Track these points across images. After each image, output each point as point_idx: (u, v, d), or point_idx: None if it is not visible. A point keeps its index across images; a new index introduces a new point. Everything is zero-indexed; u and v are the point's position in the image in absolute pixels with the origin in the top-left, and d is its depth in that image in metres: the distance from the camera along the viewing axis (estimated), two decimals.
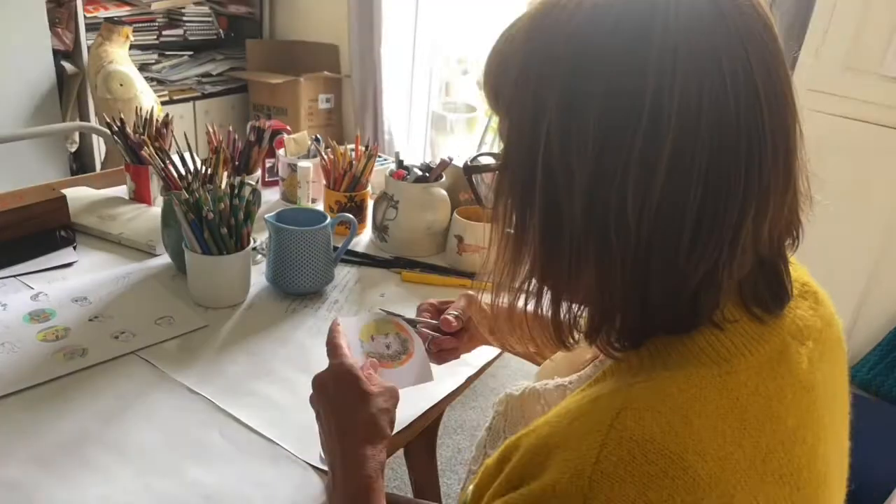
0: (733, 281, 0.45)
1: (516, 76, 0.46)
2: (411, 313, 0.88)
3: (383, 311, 0.78)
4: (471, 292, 0.79)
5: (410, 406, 0.82)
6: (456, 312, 0.77)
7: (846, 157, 1.79)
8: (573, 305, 0.49)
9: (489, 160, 0.55)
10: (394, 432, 0.76)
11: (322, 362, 0.83)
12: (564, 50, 0.43)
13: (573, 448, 0.41)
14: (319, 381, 0.66)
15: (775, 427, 0.43)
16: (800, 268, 0.54)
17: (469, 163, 0.56)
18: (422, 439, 1.31)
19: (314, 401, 0.67)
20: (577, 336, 0.50)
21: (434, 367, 0.77)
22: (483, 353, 0.94)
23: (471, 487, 0.51)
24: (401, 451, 1.30)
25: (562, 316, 0.49)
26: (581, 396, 0.46)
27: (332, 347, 0.68)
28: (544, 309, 0.49)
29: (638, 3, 0.42)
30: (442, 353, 0.78)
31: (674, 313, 0.45)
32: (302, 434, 0.75)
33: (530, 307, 0.51)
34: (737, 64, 0.41)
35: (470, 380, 0.89)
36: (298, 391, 0.82)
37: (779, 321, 0.47)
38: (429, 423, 0.85)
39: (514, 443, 0.46)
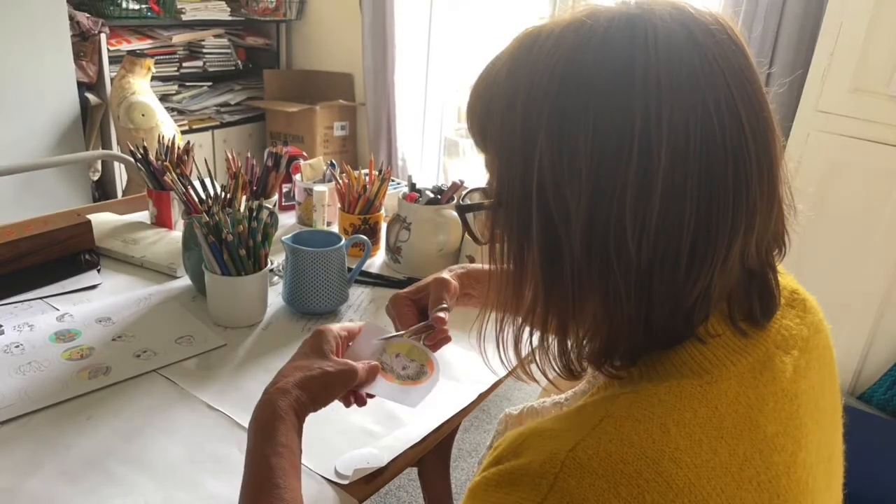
0: (723, 293, 0.46)
1: (502, 116, 0.47)
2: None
3: (427, 345, 0.78)
4: (442, 275, 0.79)
5: (422, 422, 0.83)
6: (445, 307, 0.78)
7: (855, 177, 1.80)
8: (579, 334, 0.49)
9: (480, 197, 0.55)
10: (407, 446, 0.79)
11: None
12: (549, 86, 0.44)
13: (553, 438, 0.43)
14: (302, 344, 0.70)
15: (753, 435, 0.44)
16: (787, 276, 0.55)
17: (461, 202, 0.56)
18: (435, 458, 1.31)
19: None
20: (584, 364, 0.51)
21: (445, 382, 0.78)
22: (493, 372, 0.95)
23: None
24: (414, 471, 1.31)
25: (568, 346, 0.49)
26: (571, 407, 0.48)
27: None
28: (549, 341, 0.50)
29: (616, 37, 0.43)
30: (440, 342, 0.78)
31: (671, 329, 0.46)
32: (317, 449, 0.77)
33: (535, 340, 0.51)
34: (720, 94, 0.43)
35: (481, 396, 0.91)
36: None
37: (763, 332, 0.49)
38: (441, 439, 0.86)
39: (504, 437, 0.47)
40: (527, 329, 0.51)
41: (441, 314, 0.77)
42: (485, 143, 0.50)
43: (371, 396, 0.72)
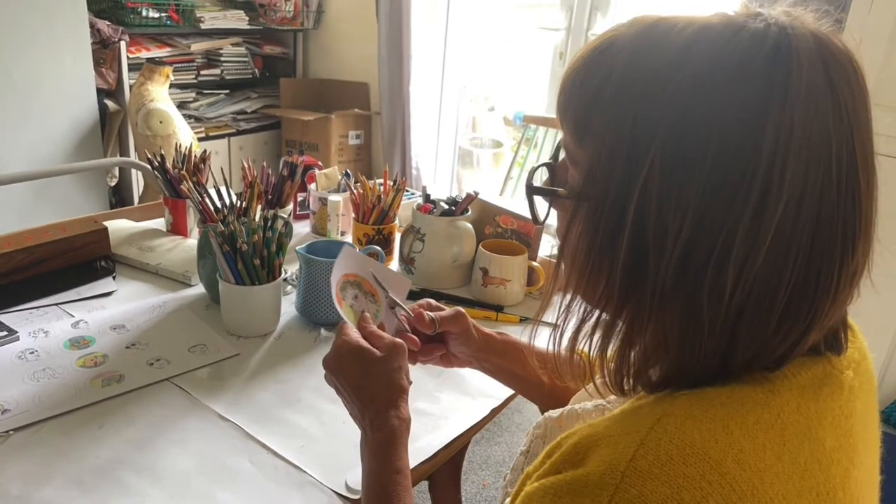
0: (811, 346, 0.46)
1: (614, 108, 0.44)
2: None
3: (373, 276, 0.79)
4: (462, 310, 0.78)
5: (435, 437, 0.83)
6: (434, 316, 0.76)
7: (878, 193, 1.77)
8: (645, 352, 0.47)
9: (551, 176, 0.53)
10: (418, 462, 0.78)
11: None
12: (673, 99, 0.41)
13: (611, 445, 0.41)
14: (329, 365, 0.69)
15: (814, 447, 0.43)
16: None
17: (531, 182, 0.53)
18: (446, 471, 1.31)
19: (330, 381, 0.70)
20: (638, 386, 0.49)
21: (458, 398, 0.77)
22: (506, 387, 0.95)
23: (507, 500, 0.51)
24: (425, 484, 1.30)
25: (631, 361, 0.47)
26: (625, 406, 0.47)
27: (340, 328, 0.72)
28: (609, 352, 0.48)
29: (757, 61, 0.40)
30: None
31: (749, 369, 0.45)
32: (328, 462, 0.77)
33: (593, 347, 0.49)
34: (843, 151, 0.41)
35: (494, 412, 0.90)
36: (326, 420, 0.84)
37: (822, 356, 0.48)
38: (453, 455, 0.85)
39: (557, 443, 0.46)
40: (584, 330, 0.49)
41: (425, 315, 0.76)
42: (580, 130, 0.47)
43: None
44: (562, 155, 0.52)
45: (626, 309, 0.46)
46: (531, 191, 0.53)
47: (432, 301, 0.79)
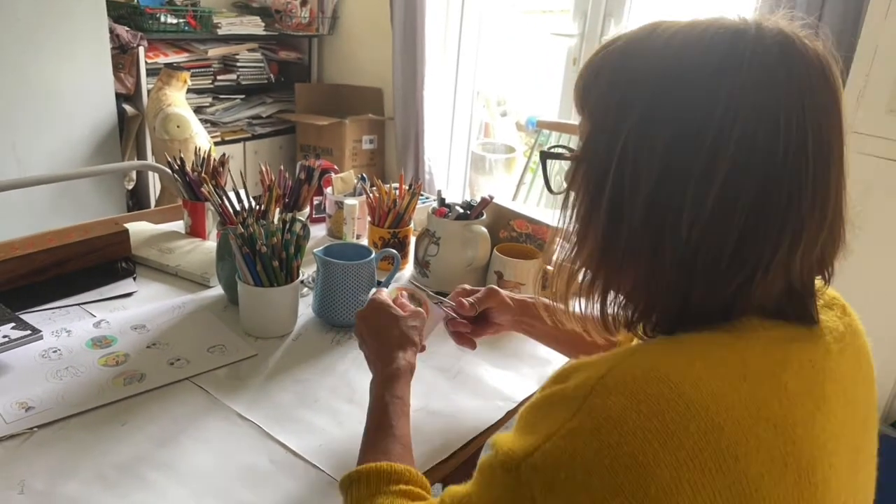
0: (766, 298, 0.51)
1: (607, 85, 0.53)
2: (448, 347, 0.91)
3: (414, 283, 0.92)
4: (494, 287, 0.93)
5: (450, 438, 0.83)
6: (471, 300, 0.90)
7: (892, 199, 1.76)
8: (619, 297, 0.56)
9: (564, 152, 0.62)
10: (435, 463, 0.79)
11: (366, 393, 0.87)
12: (653, 73, 0.50)
13: (588, 369, 0.49)
14: (361, 315, 0.84)
15: (774, 385, 0.47)
16: (830, 289, 0.58)
17: (546, 149, 0.63)
18: (460, 474, 1.31)
19: (357, 330, 0.84)
20: (619, 325, 0.57)
21: (474, 399, 0.78)
22: (522, 388, 0.95)
23: None
24: (439, 485, 1.31)
25: (608, 305, 0.56)
26: None
27: (377, 291, 0.87)
28: (595, 296, 0.56)
29: (720, 45, 0.49)
30: (456, 334, 0.92)
31: (707, 313, 0.51)
32: (347, 461, 0.77)
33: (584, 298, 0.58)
34: (792, 119, 0.47)
35: (509, 413, 0.91)
36: (343, 420, 0.85)
37: (801, 324, 0.53)
38: (468, 456, 0.86)
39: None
40: (577, 281, 0.58)
41: (465, 301, 0.90)
42: (583, 105, 0.56)
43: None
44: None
45: (606, 257, 0.54)
46: (544, 155, 0.63)
47: (466, 286, 0.94)
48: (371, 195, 1.30)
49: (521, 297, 0.92)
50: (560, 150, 0.62)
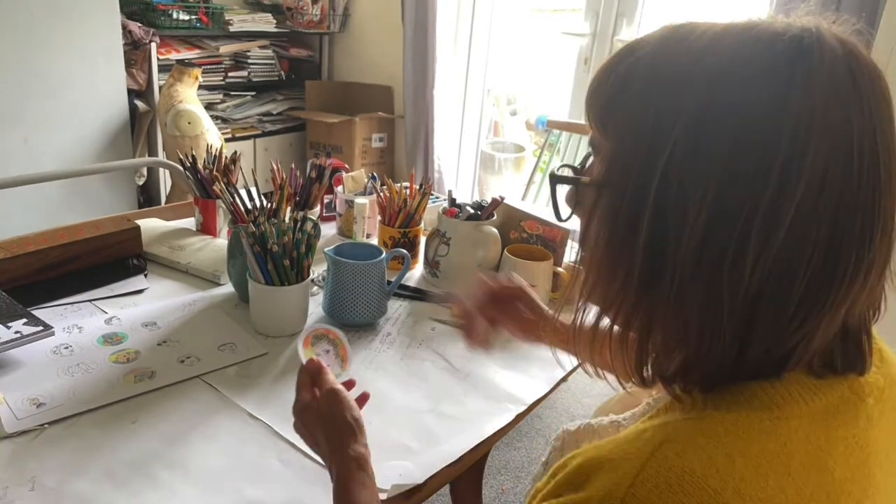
0: (822, 344, 0.45)
1: (636, 104, 0.45)
2: (458, 347, 0.91)
3: (321, 326, 0.87)
4: (524, 283, 0.84)
5: (460, 440, 0.83)
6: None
7: None
8: (667, 342, 0.47)
9: (573, 173, 0.54)
10: (444, 465, 0.78)
11: (375, 394, 0.87)
12: (699, 80, 0.42)
13: (612, 470, 0.41)
14: (295, 424, 0.73)
15: (822, 477, 0.42)
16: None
17: (556, 172, 0.54)
18: (469, 476, 1.31)
19: (308, 426, 0.71)
20: (656, 375, 0.49)
21: (484, 402, 0.77)
22: (533, 391, 0.95)
23: None
24: (446, 488, 1.31)
25: (649, 351, 0.48)
26: (629, 429, 0.47)
27: (318, 375, 0.75)
28: (630, 342, 0.48)
29: (782, 52, 0.41)
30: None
31: (758, 369, 0.45)
32: None
33: (615, 331, 0.49)
34: (864, 139, 0.41)
35: (519, 417, 0.90)
36: None
37: (839, 377, 0.47)
38: (477, 460, 0.86)
39: (563, 463, 0.46)
40: (605, 321, 0.49)
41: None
42: (604, 120, 0.48)
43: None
44: (589, 162, 0.53)
45: (644, 300, 0.46)
46: (555, 179, 0.53)
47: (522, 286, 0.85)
48: (382, 194, 1.30)
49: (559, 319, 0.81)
50: (572, 174, 0.53)
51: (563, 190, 0.54)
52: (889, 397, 0.49)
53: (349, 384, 0.79)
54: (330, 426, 0.69)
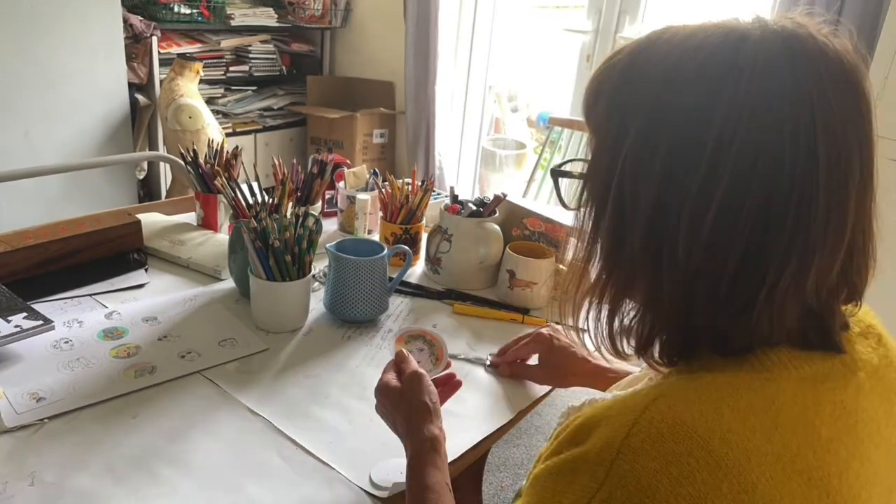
0: (780, 326, 0.47)
1: (607, 103, 0.51)
2: (459, 345, 0.90)
3: (414, 327, 0.89)
4: (543, 331, 0.90)
5: (460, 439, 0.83)
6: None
7: None
8: (626, 319, 0.53)
9: (576, 167, 0.60)
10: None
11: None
12: (650, 89, 0.48)
13: (608, 425, 0.45)
14: (376, 406, 0.76)
15: (807, 433, 0.45)
16: (867, 312, 0.55)
17: (557, 167, 0.61)
18: (469, 474, 1.31)
19: (387, 406, 0.74)
20: (629, 348, 0.54)
21: (484, 400, 0.78)
22: (533, 389, 0.95)
23: (524, 482, 0.55)
24: None
25: (615, 326, 0.54)
26: (629, 391, 0.50)
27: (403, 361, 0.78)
28: (603, 318, 0.54)
29: (720, 56, 0.45)
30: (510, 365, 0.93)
31: (715, 337, 0.48)
32: (357, 459, 0.77)
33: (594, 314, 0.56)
34: (800, 131, 0.43)
35: (520, 414, 0.90)
36: (353, 418, 0.84)
37: (830, 354, 0.49)
38: (477, 457, 0.85)
39: (565, 425, 0.51)
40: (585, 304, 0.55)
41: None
42: (588, 119, 0.54)
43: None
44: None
45: (612, 275, 0.52)
46: (555, 174, 0.62)
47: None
48: (383, 190, 1.30)
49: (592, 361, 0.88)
50: (571, 167, 0.60)
51: (565, 183, 0.61)
52: (883, 376, 0.51)
53: (449, 377, 0.81)
54: (406, 407, 0.71)
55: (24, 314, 0.92)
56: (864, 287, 0.51)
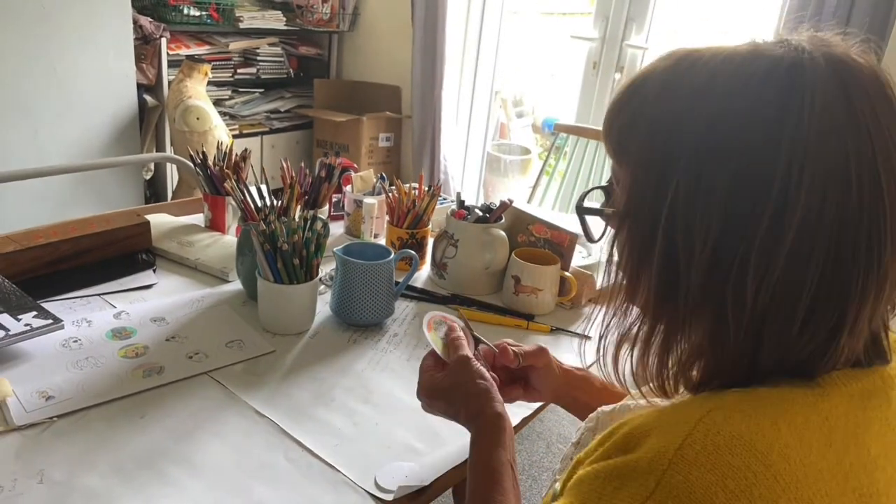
0: (854, 352, 0.47)
1: (645, 137, 0.49)
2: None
3: (438, 313, 0.84)
4: (545, 346, 0.81)
5: (465, 442, 0.83)
6: (518, 350, 0.79)
7: None
8: (681, 358, 0.50)
9: (600, 195, 0.57)
10: (449, 468, 0.79)
11: (382, 395, 0.86)
12: (699, 119, 0.45)
13: (661, 434, 0.43)
14: (422, 403, 0.74)
15: (859, 451, 0.45)
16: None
17: (582, 203, 0.58)
18: None
19: (439, 400, 0.72)
20: (679, 387, 0.52)
21: None
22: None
23: (557, 485, 0.54)
24: (448, 492, 1.31)
25: (669, 365, 0.51)
26: (676, 400, 0.50)
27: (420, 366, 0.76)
28: (650, 357, 0.52)
29: (773, 87, 0.44)
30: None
31: (783, 371, 0.47)
32: (362, 462, 0.78)
33: (637, 353, 0.53)
34: (863, 166, 0.43)
35: (525, 421, 0.90)
36: (359, 421, 0.85)
37: (872, 368, 0.49)
38: None
39: (609, 432, 0.49)
40: (629, 337, 0.53)
41: (509, 348, 0.79)
42: (619, 155, 0.52)
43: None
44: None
45: (663, 317, 0.50)
46: (581, 211, 0.58)
47: (510, 340, 0.82)
48: (390, 195, 1.31)
49: (569, 366, 0.82)
50: (598, 203, 0.57)
51: (590, 215, 0.59)
52: None
53: (488, 353, 0.79)
54: (462, 394, 0.70)
55: (34, 313, 0.93)
56: None
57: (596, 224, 0.59)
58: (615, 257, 0.53)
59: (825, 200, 0.43)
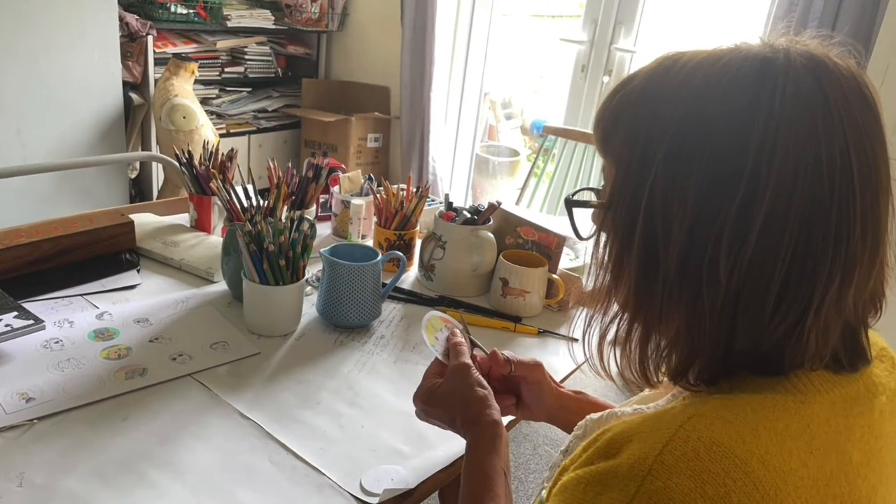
0: (826, 344, 0.47)
1: (627, 131, 0.50)
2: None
3: (437, 311, 0.84)
4: (541, 361, 0.80)
5: (451, 445, 0.83)
6: (509, 355, 0.79)
7: None
8: (660, 345, 0.52)
9: (590, 196, 0.59)
10: (436, 470, 0.78)
11: (368, 397, 0.86)
12: (676, 114, 0.47)
13: (642, 441, 0.44)
14: (418, 412, 0.74)
15: (840, 459, 0.45)
16: (876, 335, 0.56)
17: (571, 197, 0.60)
18: (458, 482, 1.31)
19: (436, 408, 0.72)
20: (661, 376, 0.53)
21: None
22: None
23: (543, 493, 0.54)
24: (435, 494, 1.30)
25: (649, 353, 0.53)
26: (659, 407, 0.51)
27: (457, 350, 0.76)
28: (632, 345, 0.53)
29: (747, 78, 0.45)
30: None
31: (757, 360, 0.48)
32: (347, 465, 0.77)
33: (619, 342, 0.55)
34: (835, 150, 0.44)
35: (513, 422, 0.90)
36: (344, 424, 0.84)
37: (855, 374, 0.50)
38: None
39: (594, 438, 0.50)
40: (612, 329, 0.55)
41: (500, 354, 0.79)
42: (606, 149, 0.54)
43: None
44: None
45: (642, 309, 0.51)
46: (570, 204, 0.60)
47: (507, 353, 0.81)
48: (378, 196, 1.30)
49: (566, 389, 0.80)
50: (586, 198, 0.58)
51: (579, 213, 0.60)
52: None
53: (485, 361, 0.78)
54: (460, 401, 0.70)
55: (15, 313, 0.91)
56: (885, 298, 0.51)
57: (584, 223, 0.60)
58: (600, 250, 0.54)
59: (796, 180, 0.44)
